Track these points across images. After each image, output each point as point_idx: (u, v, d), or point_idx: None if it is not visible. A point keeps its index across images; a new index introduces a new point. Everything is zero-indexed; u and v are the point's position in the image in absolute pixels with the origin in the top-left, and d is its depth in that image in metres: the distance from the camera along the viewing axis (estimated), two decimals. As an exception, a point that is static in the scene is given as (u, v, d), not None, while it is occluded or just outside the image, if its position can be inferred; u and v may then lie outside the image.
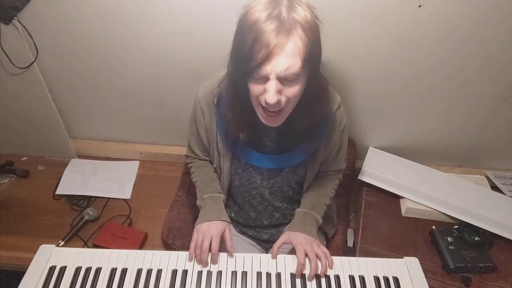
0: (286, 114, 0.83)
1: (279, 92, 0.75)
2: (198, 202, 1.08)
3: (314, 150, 0.99)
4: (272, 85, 0.73)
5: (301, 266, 0.94)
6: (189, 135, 1.11)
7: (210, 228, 0.98)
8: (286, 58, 0.71)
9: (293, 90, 0.77)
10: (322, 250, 0.97)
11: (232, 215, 1.20)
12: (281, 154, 0.98)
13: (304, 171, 1.04)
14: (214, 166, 1.07)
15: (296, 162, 1.00)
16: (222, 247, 0.99)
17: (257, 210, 1.13)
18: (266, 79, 0.74)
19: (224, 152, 1.01)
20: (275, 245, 0.99)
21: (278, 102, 0.76)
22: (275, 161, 0.99)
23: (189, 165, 1.16)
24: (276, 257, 0.98)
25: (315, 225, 1.05)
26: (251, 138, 0.96)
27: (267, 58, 0.71)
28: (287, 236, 1.01)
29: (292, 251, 0.99)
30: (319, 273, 0.94)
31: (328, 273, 0.95)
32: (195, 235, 0.99)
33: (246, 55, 0.73)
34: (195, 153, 1.13)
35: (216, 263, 0.96)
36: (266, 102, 0.75)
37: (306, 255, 0.95)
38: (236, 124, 0.92)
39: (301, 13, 0.73)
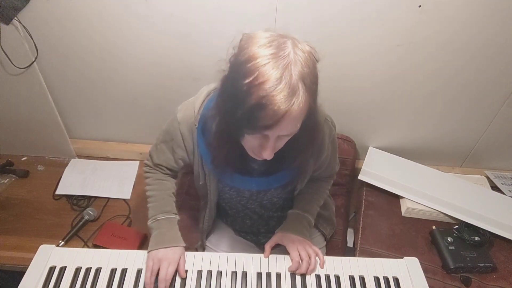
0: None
1: (275, 148, 0.76)
2: (150, 223, 0.98)
3: (302, 169, 0.97)
4: (271, 144, 0.73)
5: (297, 263, 0.94)
6: (156, 150, 1.03)
7: (167, 255, 0.92)
8: (291, 124, 0.70)
9: (284, 141, 0.77)
10: (313, 249, 0.98)
11: (228, 223, 1.19)
12: (268, 176, 0.96)
13: (294, 185, 1.03)
14: (200, 183, 1.01)
15: (284, 182, 0.98)
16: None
17: (252, 219, 1.13)
18: (265, 136, 0.73)
19: (209, 173, 0.97)
20: (267, 245, 1.00)
21: (272, 156, 0.76)
22: (262, 183, 0.97)
23: (146, 174, 1.06)
24: (268, 257, 0.98)
25: (307, 226, 1.04)
26: (237, 164, 0.92)
27: (272, 125, 0.67)
28: (280, 237, 1.01)
29: (287, 252, 1.00)
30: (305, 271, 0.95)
31: (327, 273, 0.96)
32: (150, 263, 0.91)
33: (247, 114, 0.67)
34: (158, 167, 1.04)
35: None
36: (261, 156, 0.76)
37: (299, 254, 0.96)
38: (223, 157, 0.88)
39: (305, 65, 0.67)
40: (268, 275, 0.94)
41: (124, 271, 0.93)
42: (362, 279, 0.95)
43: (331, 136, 0.99)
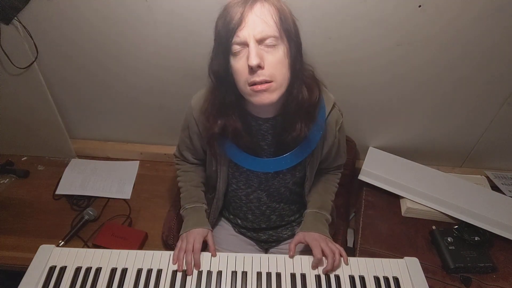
0: (275, 91, 0.81)
1: (260, 56, 0.77)
2: (181, 212, 1.09)
3: (311, 151, 0.99)
4: (252, 47, 0.76)
5: (318, 260, 0.95)
6: (180, 139, 1.11)
7: (192, 232, 1.01)
8: (259, 20, 0.76)
9: (275, 58, 0.79)
10: (336, 246, 0.98)
11: (231, 216, 1.20)
12: (277, 157, 0.98)
13: (303, 172, 1.04)
14: (212, 168, 1.06)
15: (293, 164, 1.00)
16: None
17: (254, 214, 1.14)
18: (246, 47, 0.78)
19: (220, 158, 1.01)
20: (292, 244, 0.99)
21: (260, 64, 0.77)
22: (272, 165, 0.99)
23: (176, 166, 1.17)
24: (293, 256, 0.98)
25: (326, 223, 1.06)
26: (247, 144, 0.95)
27: (240, 24, 0.76)
28: (302, 236, 1.01)
29: (303, 252, 0.99)
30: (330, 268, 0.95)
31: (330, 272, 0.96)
32: (178, 243, 1.00)
33: (223, 35, 0.79)
34: (184, 156, 1.13)
35: (198, 265, 0.95)
36: (249, 66, 0.77)
37: (322, 251, 0.96)
38: (226, 127, 0.92)
39: None
40: (268, 275, 0.94)
41: (124, 271, 0.93)
42: (362, 279, 0.95)
43: (339, 123, 1.01)
